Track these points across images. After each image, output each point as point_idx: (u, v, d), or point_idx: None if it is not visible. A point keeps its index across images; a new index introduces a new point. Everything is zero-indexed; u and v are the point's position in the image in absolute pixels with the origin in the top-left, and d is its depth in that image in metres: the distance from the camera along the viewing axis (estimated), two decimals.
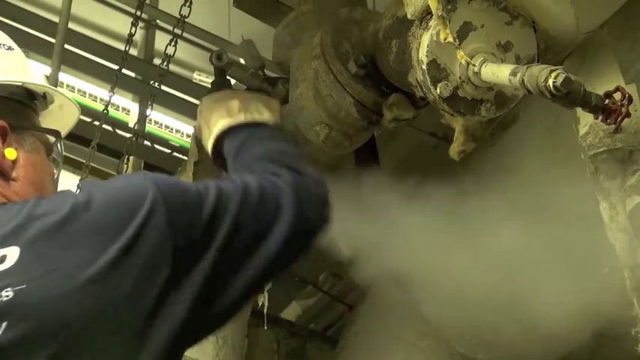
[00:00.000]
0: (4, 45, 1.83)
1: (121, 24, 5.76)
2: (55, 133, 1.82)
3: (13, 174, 1.66)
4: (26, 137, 1.72)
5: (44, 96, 1.83)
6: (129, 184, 1.52)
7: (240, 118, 1.94)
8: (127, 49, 4.38)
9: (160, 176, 1.58)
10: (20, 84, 1.75)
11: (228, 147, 1.92)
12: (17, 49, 1.85)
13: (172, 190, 1.52)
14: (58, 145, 1.83)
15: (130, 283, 1.40)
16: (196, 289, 1.47)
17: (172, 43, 4.25)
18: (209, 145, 1.98)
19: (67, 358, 1.35)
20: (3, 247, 1.40)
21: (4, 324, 1.33)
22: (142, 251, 1.42)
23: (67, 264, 1.38)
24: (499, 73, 1.97)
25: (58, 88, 1.90)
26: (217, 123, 1.95)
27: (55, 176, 1.81)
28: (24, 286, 1.35)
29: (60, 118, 1.90)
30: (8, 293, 1.35)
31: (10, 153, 1.66)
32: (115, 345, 1.38)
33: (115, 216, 1.44)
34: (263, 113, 1.97)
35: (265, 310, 3.40)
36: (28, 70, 1.83)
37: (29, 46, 5.79)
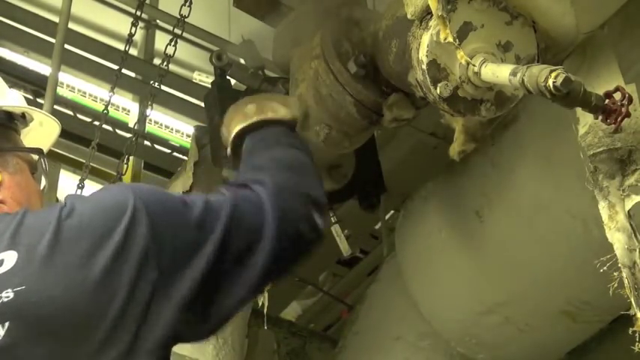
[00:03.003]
0: None
1: (121, 24, 5.76)
2: (38, 151, 1.85)
3: (0, 196, 1.70)
4: (9, 159, 1.76)
5: (23, 115, 1.85)
6: (109, 194, 1.58)
7: (254, 119, 2.03)
8: (127, 49, 4.38)
9: (140, 185, 1.63)
10: None
11: (242, 151, 1.99)
12: None
13: (153, 198, 1.56)
14: (42, 161, 1.85)
15: (121, 287, 1.45)
16: (184, 297, 1.50)
17: (172, 43, 4.25)
18: (228, 150, 2.07)
19: (65, 354, 1.40)
20: (1, 252, 1.46)
21: (7, 323, 1.39)
22: (129, 257, 1.47)
23: (61, 267, 1.44)
24: (499, 73, 1.96)
25: (35, 108, 1.90)
26: (234, 128, 2.04)
27: (43, 192, 1.84)
28: (23, 287, 1.42)
29: (40, 134, 1.93)
30: (9, 294, 1.41)
31: None
32: (110, 343, 1.43)
33: (99, 223, 1.49)
34: (278, 111, 2.05)
35: (265, 310, 3.39)
36: (3, 92, 1.84)
37: (29, 46, 5.80)
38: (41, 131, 1.92)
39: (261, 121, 2.03)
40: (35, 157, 1.84)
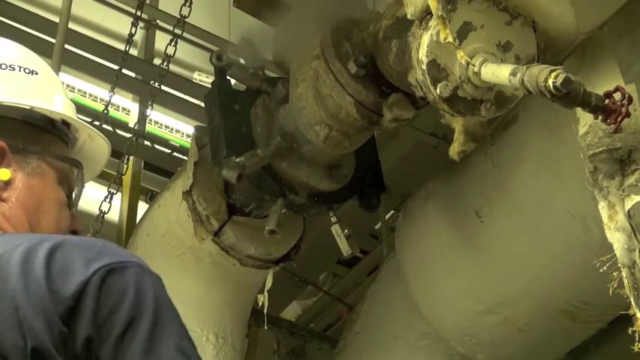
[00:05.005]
0: (25, 69, 1.80)
1: (121, 24, 5.76)
2: (72, 161, 1.79)
3: (4, 195, 1.66)
4: (31, 160, 1.71)
5: (67, 125, 1.80)
6: None
7: None
8: (127, 49, 4.39)
9: None
10: (28, 107, 1.73)
11: None
12: (44, 74, 1.82)
13: None
14: (76, 173, 1.79)
15: None
16: None
17: (172, 43, 4.25)
18: None
19: None
20: None
21: None
22: None
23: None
24: (499, 73, 1.97)
25: (78, 120, 1.83)
26: None
27: (73, 202, 1.77)
28: None
29: (92, 150, 1.89)
30: None
31: (4, 174, 1.66)
32: None
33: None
34: None
35: (265, 310, 3.39)
36: (49, 96, 1.79)
37: (29, 46, 5.79)
38: (92, 146, 1.88)
39: None
40: (70, 167, 1.77)
